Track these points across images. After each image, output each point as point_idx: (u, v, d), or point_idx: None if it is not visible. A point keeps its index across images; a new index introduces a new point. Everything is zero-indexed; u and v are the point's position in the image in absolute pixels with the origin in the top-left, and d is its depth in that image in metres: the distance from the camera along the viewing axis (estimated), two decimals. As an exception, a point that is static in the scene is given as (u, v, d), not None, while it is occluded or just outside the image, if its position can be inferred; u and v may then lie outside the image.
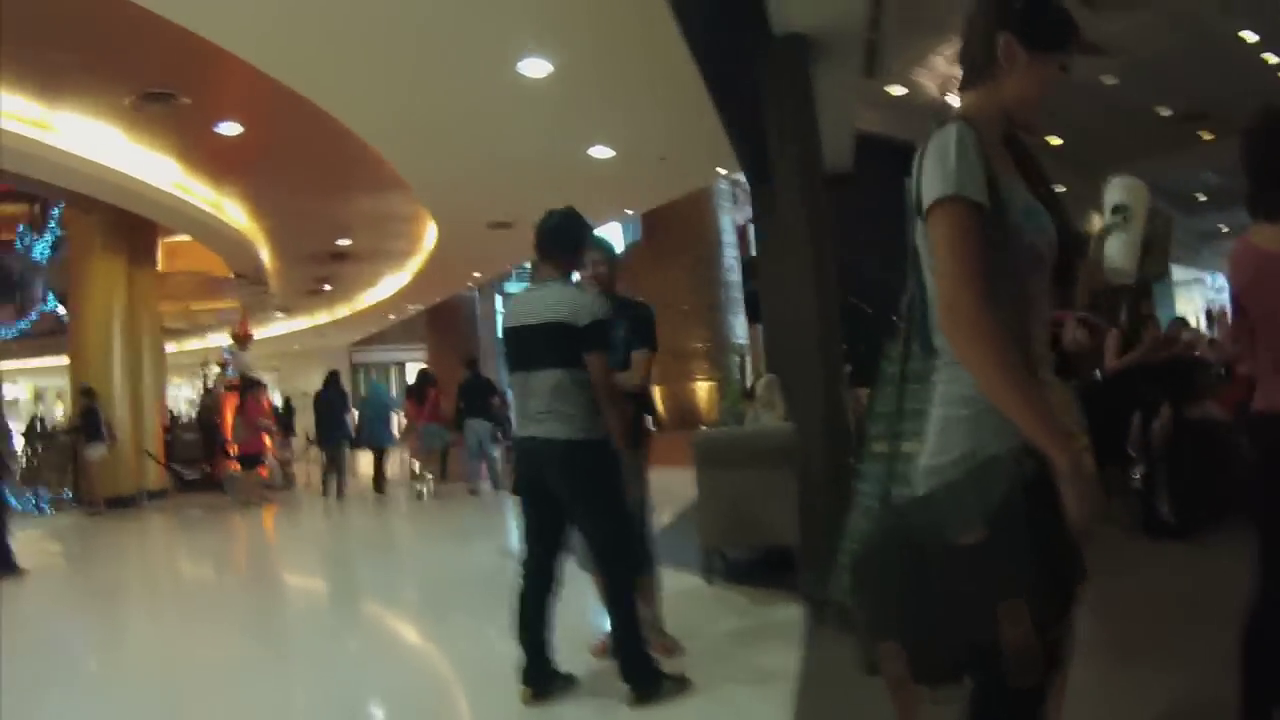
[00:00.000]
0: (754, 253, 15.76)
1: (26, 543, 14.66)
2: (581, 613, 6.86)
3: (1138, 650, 5.49)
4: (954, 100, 11.31)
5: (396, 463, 22.15)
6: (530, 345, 5.53)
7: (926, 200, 2.48)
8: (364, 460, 22.66)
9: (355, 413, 22.71)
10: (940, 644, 2.37)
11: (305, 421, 22.58)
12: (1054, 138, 17.30)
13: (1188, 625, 5.97)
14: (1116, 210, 2.94)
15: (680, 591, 8.12)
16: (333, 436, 19.90)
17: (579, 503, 5.47)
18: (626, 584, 5.48)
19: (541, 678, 5.53)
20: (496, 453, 18.38)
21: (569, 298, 5.47)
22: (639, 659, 5.41)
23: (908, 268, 2.69)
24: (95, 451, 18.51)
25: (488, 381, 19.05)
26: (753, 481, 8.02)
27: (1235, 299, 3.94)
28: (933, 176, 2.46)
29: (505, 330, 5.78)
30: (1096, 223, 3.27)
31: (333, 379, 20.64)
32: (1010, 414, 2.34)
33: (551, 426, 5.41)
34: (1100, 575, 6.92)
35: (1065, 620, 2.40)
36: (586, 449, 5.41)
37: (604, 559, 5.53)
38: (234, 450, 20.49)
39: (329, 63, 10.03)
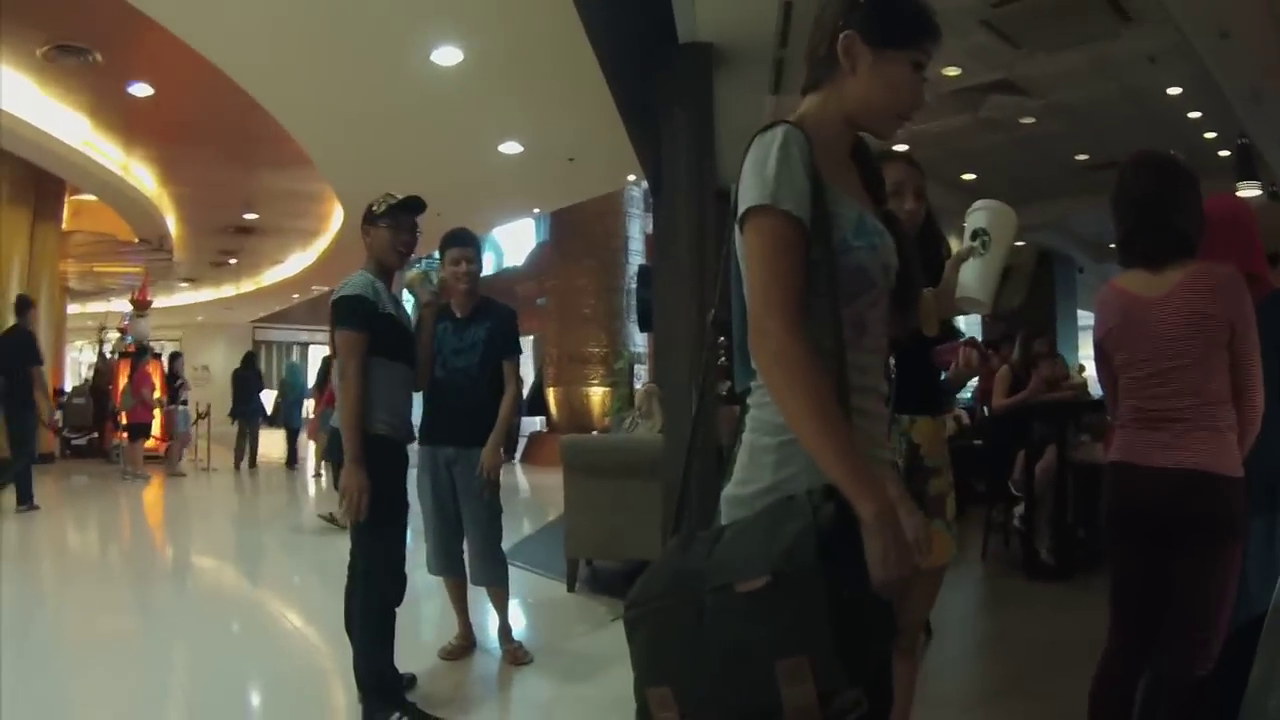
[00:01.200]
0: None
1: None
2: (431, 614, 6.78)
3: (997, 695, 5.45)
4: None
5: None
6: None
7: (741, 207, 2.28)
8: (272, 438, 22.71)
9: (272, 392, 22.98)
10: (715, 698, 2.08)
11: (202, 395, 22.46)
12: (967, 174, 17.38)
13: (1051, 670, 5.90)
14: (975, 235, 2.83)
15: (543, 599, 8.14)
16: (248, 412, 20.80)
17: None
18: (371, 598, 5.17)
19: None
20: None
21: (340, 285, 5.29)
22: (364, 681, 5.15)
23: (730, 281, 2.47)
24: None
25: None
26: (620, 492, 7.95)
27: (1099, 345, 3.90)
28: (748, 183, 2.26)
29: None
30: (955, 243, 3.21)
31: (249, 359, 21.98)
32: (810, 449, 2.13)
33: (337, 415, 5.17)
34: (971, 613, 6.95)
35: (862, 683, 2.02)
36: (371, 443, 5.08)
37: (353, 561, 5.29)
38: (122, 419, 20.23)
39: (243, 35, 9.82)
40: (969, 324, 12.63)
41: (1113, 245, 3.92)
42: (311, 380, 22.38)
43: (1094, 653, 3.76)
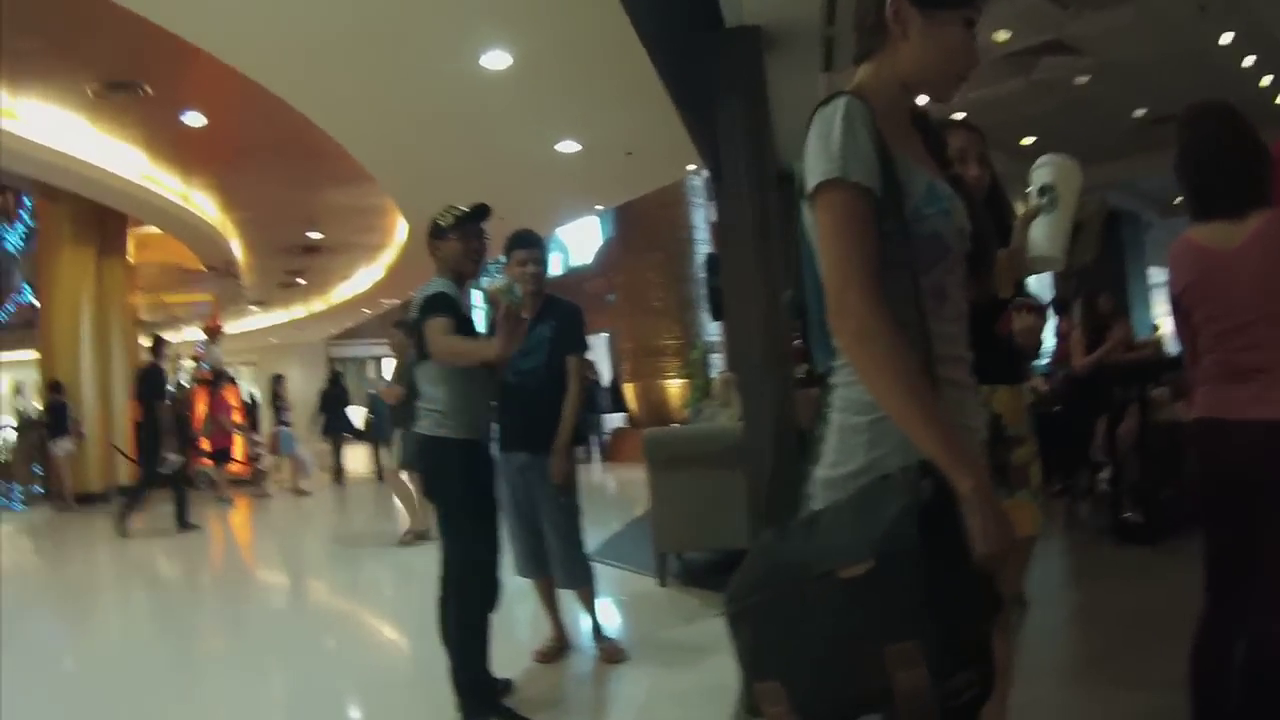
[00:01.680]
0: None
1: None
2: (525, 617, 6.77)
3: (1091, 666, 5.36)
4: (921, 98, 11.20)
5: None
6: (415, 347, 5.39)
7: (809, 184, 2.23)
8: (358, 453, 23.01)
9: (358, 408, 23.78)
10: (825, 688, 2.03)
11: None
12: (1026, 138, 17.19)
13: (1147, 637, 5.76)
14: (1043, 192, 2.76)
15: (634, 594, 8.11)
16: (338, 428, 21.23)
17: (435, 503, 5.36)
18: (470, 601, 5.22)
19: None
20: None
21: (418, 293, 5.33)
22: (461, 686, 5.16)
23: (801, 260, 2.42)
24: (62, 447, 18.34)
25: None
26: (704, 482, 7.92)
27: (1176, 301, 3.80)
28: (815, 159, 2.21)
29: None
30: (1020, 207, 3.15)
31: (336, 377, 22.62)
32: (903, 425, 2.08)
33: (420, 423, 5.34)
34: (1062, 584, 6.84)
35: (971, 665, 2.01)
36: (438, 446, 5.23)
37: (450, 570, 5.29)
38: (205, 445, 20.43)
39: (291, 57, 9.88)
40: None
41: (1178, 200, 3.84)
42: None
43: (1189, 617, 3.67)
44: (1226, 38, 12.79)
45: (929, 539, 1.92)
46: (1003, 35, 12.58)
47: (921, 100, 2.52)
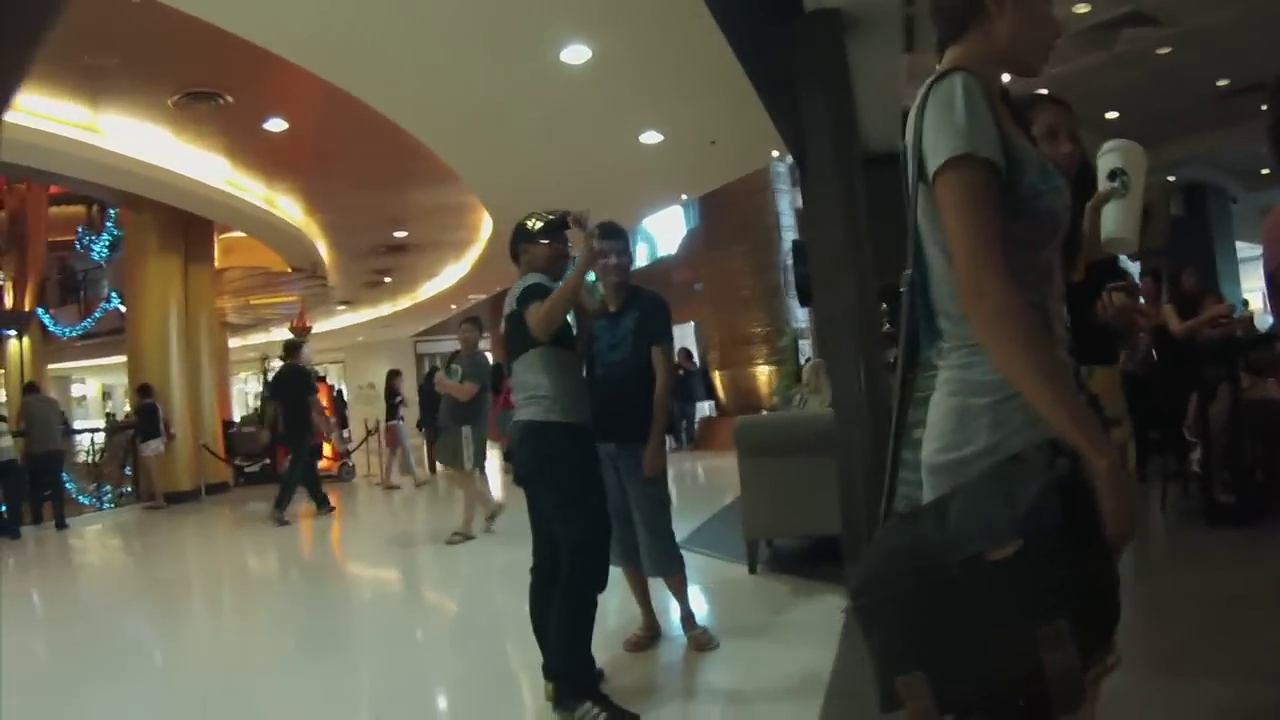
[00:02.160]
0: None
1: (89, 538, 14.98)
2: (614, 607, 6.77)
3: (1183, 654, 5.25)
4: (1004, 75, 11.11)
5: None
6: (506, 338, 5.51)
7: (934, 162, 2.19)
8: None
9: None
10: (972, 675, 2.02)
11: (370, 412, 22.82)
12: (1110, 112, 17.02)
13: (1242, 624, 5.66)
14: (1113, 176, 2.80)
15: (724, 581, 8.10)
16: (434, 423, 20.62)
17: (543, 490, 5.36)
18: (583, 587, 5.23)
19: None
20: None
21: (515, 287, 5.43)
22: (570, 667, 5.20)
23: (908, 242, 2.39)
24: (152, 448, 18.61)
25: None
26: (795, 469, 7.87)
27: (1271, 276, 3.69)
28: (939, 135, 2.18)
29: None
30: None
31: (432, 373, 21.52)
32: (1040, 406, 2.06)
33: (526, 411, 5.34)
34: (1152, 569, 6.72)
35: (1110, 642, 2.10)
36: (546, 431, 5.26)
37: (566, 551, 5.27)
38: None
39: (369, 59, 9.97)
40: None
41: (1266, 172, 3.76)
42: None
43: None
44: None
45: (1071, 518, 1.91)
46: (1082, 8, 12.47)
47: (1005, 78, 2.49)
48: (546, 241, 5.52)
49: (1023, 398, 2.10)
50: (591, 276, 5.97)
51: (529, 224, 5.59)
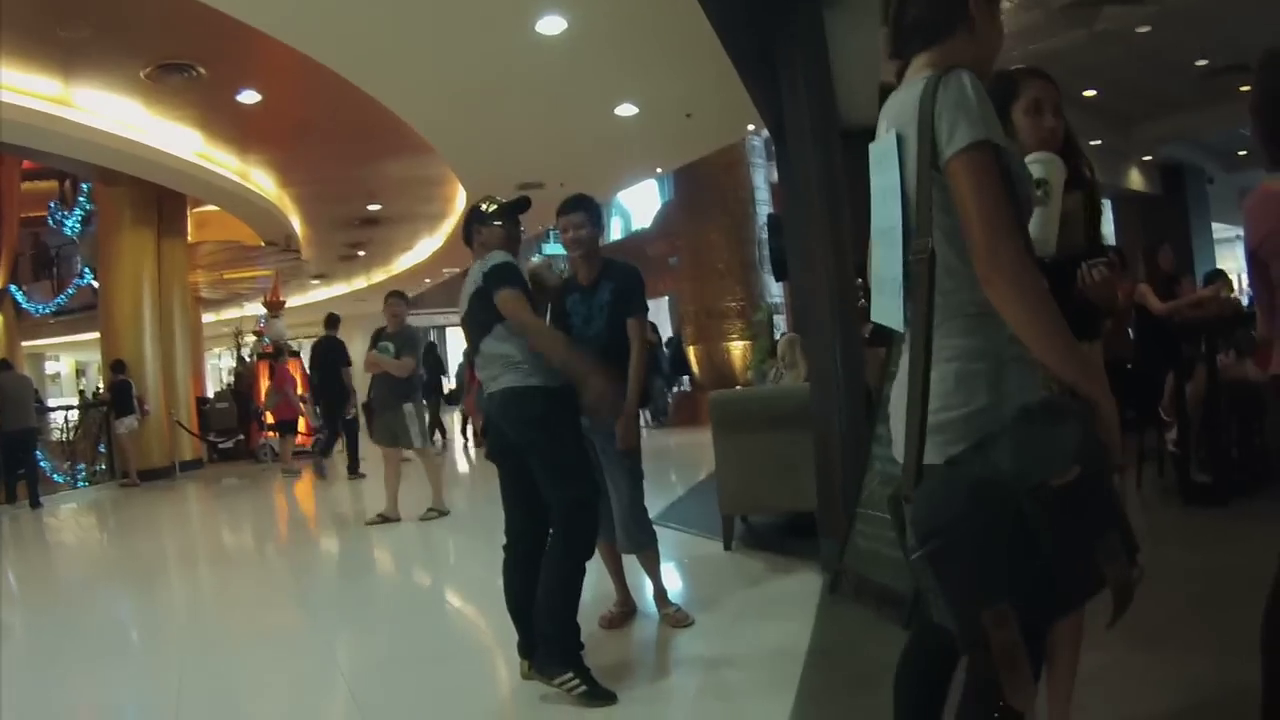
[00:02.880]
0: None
1: (64, 516, 14.92)
2: (589, 582, 6.74)
3: (1161, 631, 5.23)
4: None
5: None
6: (470, 323, 5.56)
7: (951, 147, 2.35)
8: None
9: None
10: (1051, 597, 2.29)
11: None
12: (1088, 90, 17.04)
13: (1219, 601, 5.66)
14: (1039, 185, 2.96)
15: (699, 558, 8.08)
16: (431, 395, 21.09)
17: (531, 454, 5.31)
18: (575, 553, 5.26)
19: (533, 649, 5.30)
20: None
21: (474, 270, 5.52)
22: (557, 632, 5.13)
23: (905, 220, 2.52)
24: (126, 425, 18.52)
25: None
26: (770, 445, 7.83)
27: (1252, 254, 3.65)
28: (956, 121, 2.35)
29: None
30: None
31: (431, 347, 22.98)
32: (1051, 359, 2.34)
33: (505, 379, 5.33)
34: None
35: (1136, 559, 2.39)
36: (533, 394, 5.26)
37: (556, 521, 5.29)
38: (269, 419, 20.70)
39: (343, 31, 9.92)
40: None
41: (1243, 153, 3.74)
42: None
43: (1260, 581, 3.56)
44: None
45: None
46: (1065, -15, 12.47)
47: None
48: (500, 224, 5.60)
49: (1017, 363, 2.40)
50: (558, 249, 6.02)
51: (483, 206, 5.69)
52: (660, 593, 6.37)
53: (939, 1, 2.56)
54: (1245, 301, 11.90)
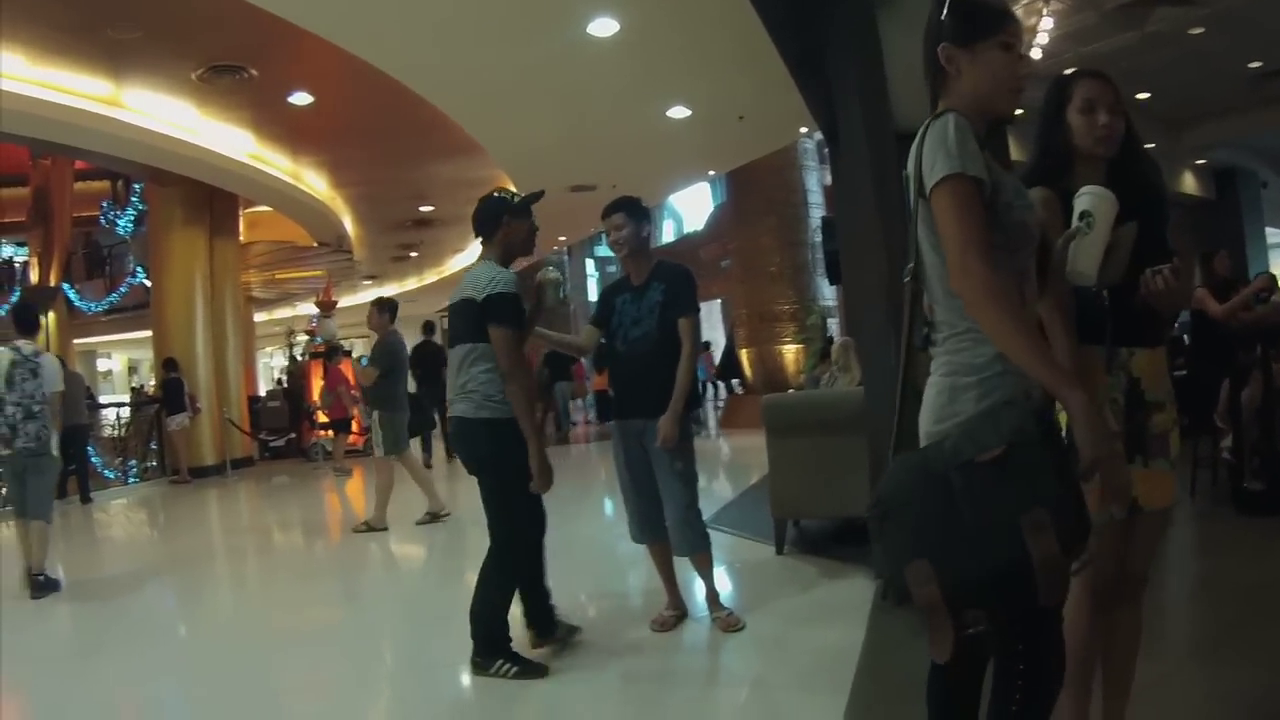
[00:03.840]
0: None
1: (114, 512, 15.02)
2: (639, 585, 6.72)
3: (1216, 642, 5.19)
4: (1034, 52, 10.90)
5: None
6: (453, 322, 5.73)
7: (931, 180, 2.63)
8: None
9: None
10: (970, 561, 2.48)
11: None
12: (1140, 93, 16.92)
13: (1273, 612, 5.62)
14: (1082, 217, 3.07)
15: (750, 561, 8.05)
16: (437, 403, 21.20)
17: (479, 481, 5.61)
18: (507, 568, 5.57)
19: (541, 620, 5.85)
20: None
21: (481, 275, 5.55)
22: (486, 631, 5.51)
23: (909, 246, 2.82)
24: (177, 422, 18.65)
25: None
26: (823, 449, 7.78)
27: None
28: (935, 158, 2.62)
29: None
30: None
31: (436, 352, 22.12)
32: (1019, 359, 2.51)
33: (458, 406, 5.57)
34: (1182, 556, 6.63)
35: (1082, 546, 2.57)
36: (484, 428, 5.47)
37: (492, 540, 5.58)
38: (321, 418, 20.81)
39: (395, 33, 9.99)
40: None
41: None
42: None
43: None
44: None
45: (1046, 431, 2.56)
46: (1115, -14, 12.39)
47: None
48: (526, 216, 5.83)
49: (1006, 375, 2.60)
50: (554, 274, 6.14)
51: (512, 197, 5.83)
52: (712, 596, 6.33)
53: (926, 59, 2.85)
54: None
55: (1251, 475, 8.56)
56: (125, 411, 21.74)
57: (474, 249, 26.88)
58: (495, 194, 5.87)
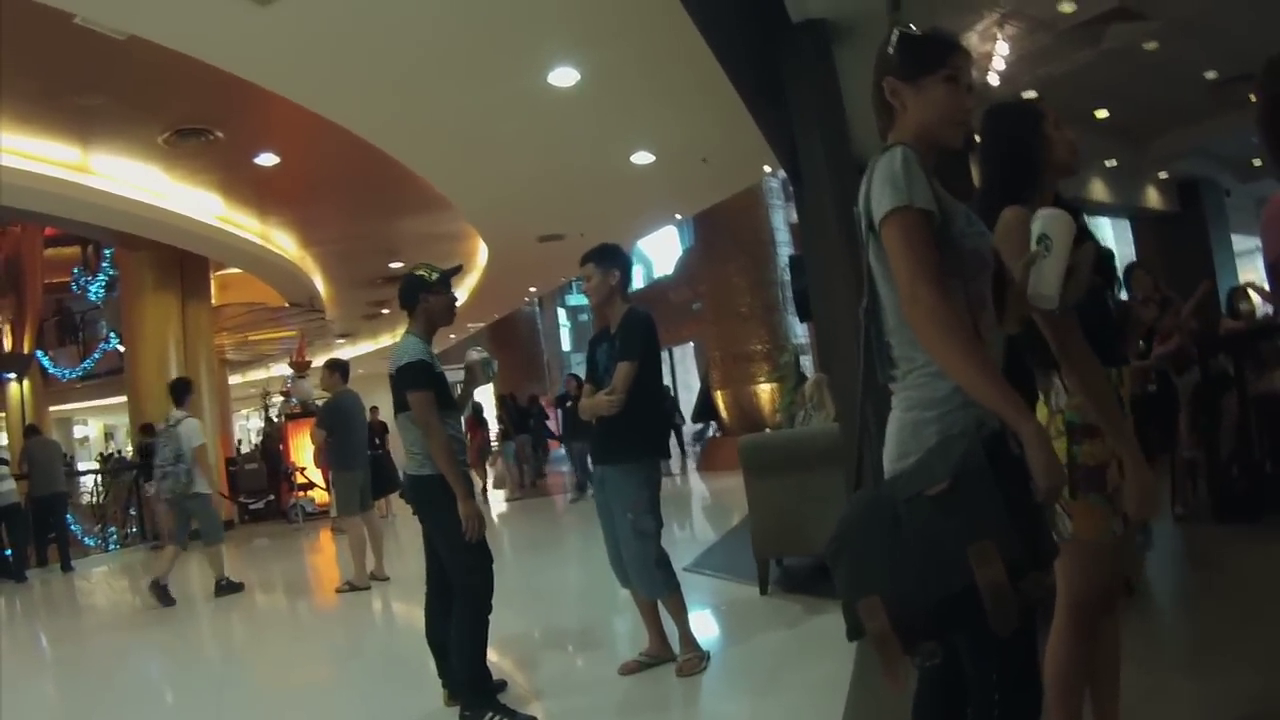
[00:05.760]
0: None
1: (95, 580, 14.98)
2: (625, 631, 6.72)
3: (1203, 649, 5.23)
4: (992, 78, 10.96)
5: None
6: (393, 391, 5.95)
7: (879, 213, 2.64)
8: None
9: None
10: (918, 594, 2.46)
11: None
12: (1100, 110, 17.02)
13: (1260, 616, 5.64)
14: (1041, 240, 3.04)
15: (736, 603, 8.05)
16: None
17: (430, 529, 5.94)
18: (473, 611, 5.73)
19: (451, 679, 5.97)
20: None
21: (398, 350, 5.91)
22: (470, 682, 5.72)
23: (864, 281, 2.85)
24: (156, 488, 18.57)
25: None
26: (802, 486, 7.78)
27: (1271, 267, 3.63)
28: (883, 192, 2.64)
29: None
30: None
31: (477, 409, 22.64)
32: (970, 388, 2.51)
33: (409, 465, 5.91)
34: (1167, 564, 6.65)
35: (1041, 567, 2.56)
36: (425, 483, 5.78)
37: (458, 590, 5.80)
38: (299, 479, 20.77)
39: (357, 89, 10.04)
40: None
41: (1258, 163, 3.73)
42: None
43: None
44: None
45: (994, 462, 2.45)
46: (1068, 6, 12.47)
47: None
48: (445, 291, 6.08)
49: (967, 407, 2.58)
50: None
51: (425, 274, 6.05)
52: (685, 638, 6.28)
53: (874, 93, 2.89)
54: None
55: (1233, 483, 8.61)
56: (102, 478, 21.68)
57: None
58: (414, 272, 6.11)
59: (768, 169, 16.45)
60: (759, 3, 7.49)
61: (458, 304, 6.35)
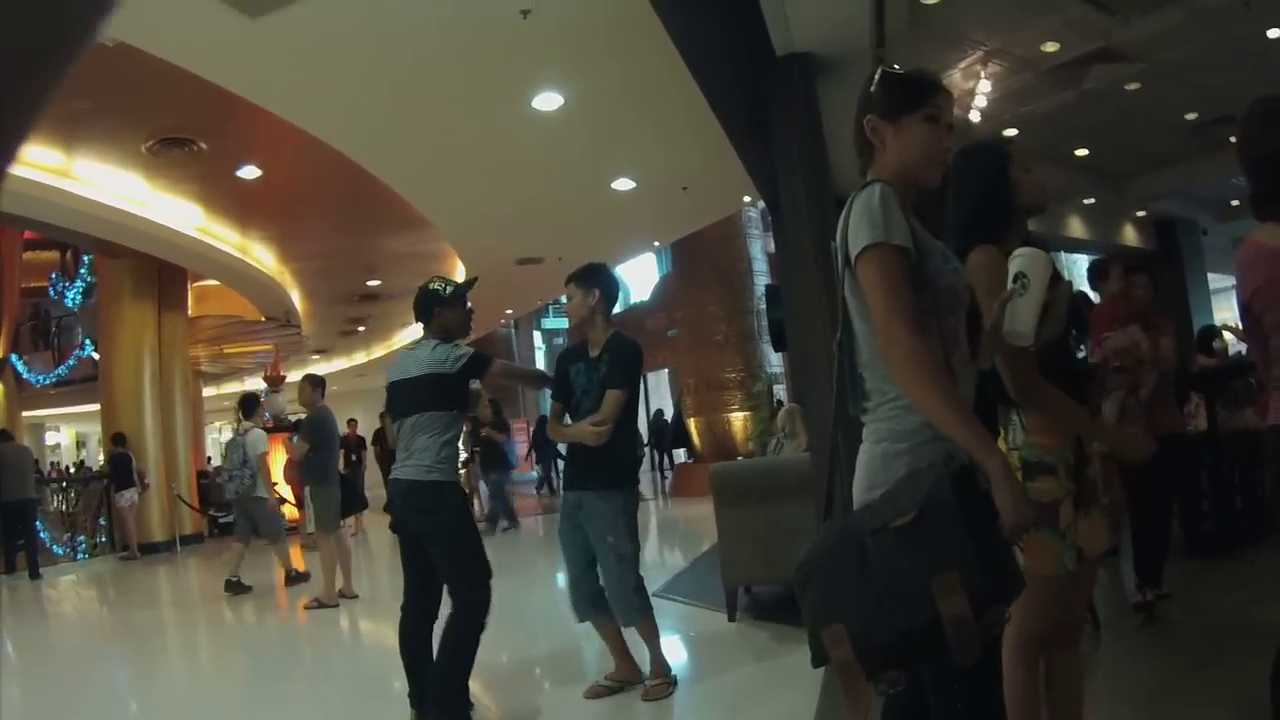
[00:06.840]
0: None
1: (63, 588, 14.89)
2: (592, 657, 6.73)
3: (1174, 685, 5.25)
4: (974, 115, 11.02)
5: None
6: (397, 398, 5.94)
7: (855, 249, 2.69)
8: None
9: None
10: (882, 624, 2.48)
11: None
12: (1079, 149, 17.12)
13: (1227, 649, 5.72)
14: (1017, 278, 3.12)
15: (704, 630, 8.05)
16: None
17: (428, 538, 5.76)
18: (470, 624, 5.66)
19: (422, 700, 5.81)
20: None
21: (438, 354, 5.82)
22: (452, 700, 5.62)
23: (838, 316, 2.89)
24: (126, 498, 18.53)
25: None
26: (772, 515, 7.80)
27: (1246, 306, 3.68)
28: (860, 228, 2.69)
29: (387, 384, 6.11)
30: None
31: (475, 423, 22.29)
32: (941, 424, 2.55)
33: (406, 470, 5.76)
34: (1137, 598, 6.64)
35: (1004, 601, 2.53)
36: (430, 489, 5.69)
37: (457, 603, 5.73)
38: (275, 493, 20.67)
39: (343, 107, 10.06)
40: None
41: (1235, 203, 3.79)
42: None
43: (1267, 630, 3.59)
44: (1275, 31, 12.64)
45: (960, 495, 2.46)
46: (1051, 46, 12.56)
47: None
48: (460, 304, 6.05)
49: (937, 441, 2.61)
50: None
51: (440, 288, 6.04)
52: (656, 663, 6.31)
53: (855, 131, 2.92)
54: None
55: (1203, 518, 8.67)
56: (71, 486, 21.57)
57: (420, 324, 27.11)
58: (429, 285, 6.08)
59: (747, 199, 16.53)
60: (744, 35, 7.52)
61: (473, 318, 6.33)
